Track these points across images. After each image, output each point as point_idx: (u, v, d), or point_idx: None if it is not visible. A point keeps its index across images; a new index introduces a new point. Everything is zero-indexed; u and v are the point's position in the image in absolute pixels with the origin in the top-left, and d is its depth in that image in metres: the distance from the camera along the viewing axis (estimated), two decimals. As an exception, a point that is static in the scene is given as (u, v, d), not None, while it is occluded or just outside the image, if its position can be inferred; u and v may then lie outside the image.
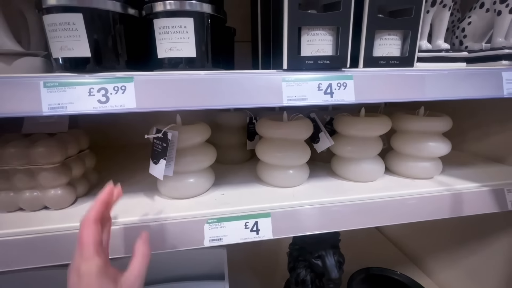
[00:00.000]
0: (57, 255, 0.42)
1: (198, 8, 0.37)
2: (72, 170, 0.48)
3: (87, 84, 0.34)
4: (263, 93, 0.38)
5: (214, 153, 0.53)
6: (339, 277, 0.55)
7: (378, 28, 0.42)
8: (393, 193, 0.51)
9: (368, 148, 0.56)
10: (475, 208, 0.52)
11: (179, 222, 0.43)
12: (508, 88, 0.45)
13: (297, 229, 0.47)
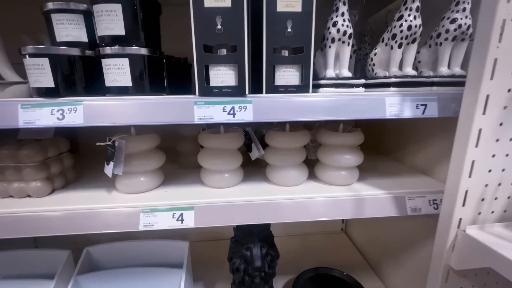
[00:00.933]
0: (34, 230, 0.56)
1: (133, 51, 0.51)
2: (50, 168, 0.63)
3: (50, 106, 0.49)
4: (179, 113, 0.51)
5: (162, 158, 0.66)
6: (261, 266, 0.65)
7: (276, 63, 0.53)
8: (305, 195, 0.61)
9: (291, 158, 0.66)
10: (375, 211, 0.61)
11: (121, 211, 0.56)
12: (390, 111, 0.54)
13: (215, 219, 0.58)
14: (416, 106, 0.54)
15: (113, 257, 0.88)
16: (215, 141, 0.64)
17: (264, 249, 0.68)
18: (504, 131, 0.47)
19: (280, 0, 0.50)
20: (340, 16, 0.56)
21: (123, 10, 0.49)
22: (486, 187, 0.50)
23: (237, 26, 0.48)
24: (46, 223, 0.56)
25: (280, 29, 0.51)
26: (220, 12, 0.48)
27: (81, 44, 0.54)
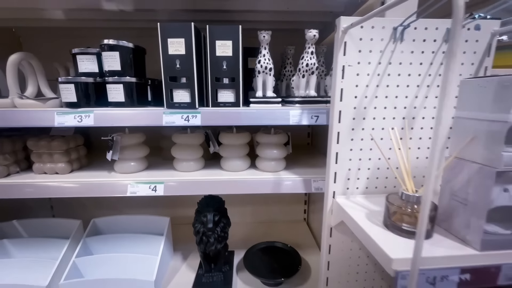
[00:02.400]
0: (60, 193, 0.84)
1: (126, 80, 0.81)
2: (71, 155, 0.93)
3: (73, 113, 0.78)
4: (153, 119, 0.80)
5: (146, 150, 0.95)
6: (212, 228, 0.92)
7: (217, 88, 0.82)
8: (244, 177, 0.89)
9: (237, 152, 0.94)
10: (289, 189, 0.87)
11: (116, 183, 0.85)
12: (293, 120, 0.81)
13: (179, 191, 0.86)
14: (311, 117, 0.82)
15: (112, 226, 1.17)
16: (182, 139, 0.93)
17: (217, 217, 0.95)
18: (355, 133, 0.74)
19: (218, 48, 0.79)
20: (262, 56, 0.84)
21: (120, 55, 0.79)
22: (350, 170, 0.76)
23: (189, 65, 0.77)
24: (67, 190, 0.85)
25: (219, 66, 0.80)
26: (178, 57, 0.77)
27: (94, 74, 0.84)
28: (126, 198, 1.41)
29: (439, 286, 0.50)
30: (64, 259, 1.01)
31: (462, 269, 0.50)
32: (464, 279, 0.50)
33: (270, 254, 1.13)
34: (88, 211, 1.31)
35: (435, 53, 0.71)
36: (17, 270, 0.99)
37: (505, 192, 0.50)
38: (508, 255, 0.51)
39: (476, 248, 0.52)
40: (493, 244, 0.51)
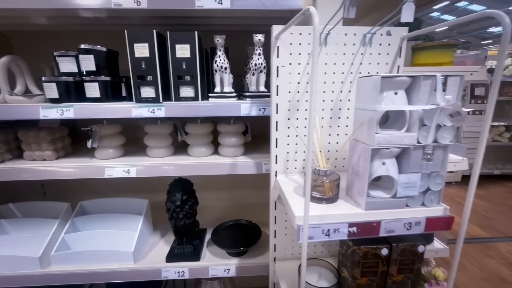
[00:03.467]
0: (48, 176, 0.99)
1: (101, 79, 0.95)
2: (56, 144, 1.07)
3: (56, 107, 0.92)
4: (124, 111, 0.94)
5: (122, 139, 1.10)
6: (180, 205, 1.07)
7: (179, 85, 0.96)
8: (206, 161, 1.04)
9: (201, 140, 1.09)
10: (243, 170, 1.02)
11: (95, 166, 1.00)
12: (243, 111, 0.96)
13: (150, 173, 1.01)
14: (259, 109, 0.96)
15: (97, 208, 1.32)
16: (153, 129, 1.07)
17: (185, 196, 1.10)
18: (291, 122, 0.88)
19: (177, 51, 0.93)
20: (218, 57, 0.98)
21: (94, 57, 0.93)
22: (288, 153, 0.91)
23: (153, 66, 0.91)
24: (53, 173, 1.00)
25: (179, 66, 0.94)
26: (143, 59, 0.91)
27: (73, 74, 0.98)
28: (112, 183, 1.56)
29: (333, 237, 0.66)
30: (54, 235, 1.16)
31: (349, 223, 0.65)
32: (352, 231, 0.66)
33: (236, 230, 1.30)
34: (77, 196, 1.45)
35: (354, 54, 0.85)
36: (14, 245, 1.14)
37: (383, 165, 0.65)
38: (386, 213, 0.66)
39: (362, 208, 0.67)
40: (375, 205, 0.67)
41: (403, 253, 0.72)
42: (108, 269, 1.11)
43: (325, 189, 0.71)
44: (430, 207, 0.68)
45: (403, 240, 0.73)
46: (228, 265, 1.13)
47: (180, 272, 1.12)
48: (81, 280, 1.11)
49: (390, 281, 0.73)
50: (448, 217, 0.67)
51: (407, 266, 0.73)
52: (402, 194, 0.65)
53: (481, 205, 3.52)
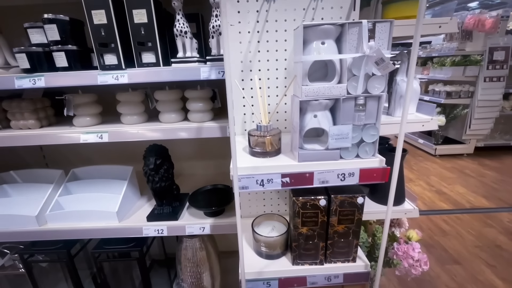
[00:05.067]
0: (32, 141, 1.09)
1: (68, 48, 0.99)
2: (39, 113, 1.15)
3: (28, 77, 0.99)
4: (91, 79, 0.99)
5: (99, 108, 1.16)
6: (153, 168, 1.14)
7: (140, 51, 0.99)
8: (175, 126, 1.08)
9: (170, 106, 1.13)
10: (210, 133, 1.06)
11: (73, 132, 1.07)
12: (203, 75, 0.98)
13: (121, 137, 1.07)
14: (218, 72, 0.97)
15: (88, 174, 1.44)
16: (124, 97, 1.12)
17: (159, 161, 1.17)
18: (245, 84, 0.90)
19: (135, 16, 0.94)
20: (177, 21, 0.99)
21: (58, 27, 0.97)
22: (245, 115, 0.94)
23: (112, 33, 0.94)
24: (38, 138, 1.09)
25: (138, 32, 0.96)
26: (102, 26, 0.93)
27: (43, 45, 1.03)
28: (104, 153, 1.67)
29: (267, 187, 0.70)
30: (49, 198, 1.29)
31: (282, 174, 0.68)
32: (285, 181, 0.69)
33: (214, 194, 1.37)
34: (71, 164, 1.57)
35: (305, 9, 0.83)
36: (14, 206, 1.28)
37: (314, 118, 0.66)
38: (319, 165, 0.69)
39: (296, 160, 0.70)
40: (308, 157, 0.69)
41: (342, 204, 0.74)
42: (96, 226, 1.23)
43: (266, 143, 0.74)
44: (365, 159, 0.69)
45: (343, 191, 0.75)
46: (204, 224, 1.22)
47: (159, 230, 1.22)
48: (73, 235, 1.24)
49: (331, 231, 0.77)
50: (382, 168, 0.68)
51: (347, 217, 0.76)
52: (334, 146, 0.67)
53: (491, 176, 3.40)
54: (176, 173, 1.51)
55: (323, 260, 0.81)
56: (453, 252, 2.14)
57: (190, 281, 1.35)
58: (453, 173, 3.44)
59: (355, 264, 0.81)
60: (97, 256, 1.30)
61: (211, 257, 1.37)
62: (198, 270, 1.33)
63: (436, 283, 1.85)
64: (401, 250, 1.18)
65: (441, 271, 1.96)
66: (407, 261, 1.16)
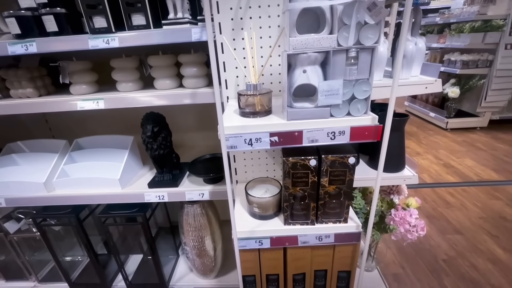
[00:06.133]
0: (31, 109, 1.11)
1: (56, 11, 0.97)
2: (36, 82, 1.16)
3: (20, 43, 0.98)
4: (81, 44, 0.97)
5: (94, 76, 1.16)
6: (151, 135, 1.15)
7: (129, 12, 0.95)
8: (170, 92, 1.07)
9: (164, 72, 1.11)
10: (203, 99, 1.05)
11: (70, 99, 1.08)
12: (194, 37, 0.94)
13: (117, 104, 1.08)
14: (210, 33, 0.94)
15: (90, 144, 1.47)
16: (118, 63, 1.11)
17: (156, 128, 1.18)
18: (236, 43, 0.86)
19: (121, -26, 0.90)
20: (165, -21, 0.94)
21: (44, -12, 0.94)
22: (237, 77, 0.91)
23: (99, -8, 0.91)
24: (36, 106, 1.10)
25: (126, -9, 0.92)
26: (88, -15, 0.90)
27: (32, 9, 1.01)
28: (107, 124, 1.70)
29: (256, 146, 0.69)
30: (55, 166, 1.34)
31: (270, 133, 0.67)
32: (273, 140, 0.68)
33: (213, 162, 1.38)
34: (76, 135, 1.61)
35: (299, -42, 0.76)
36: (22, 174, 1.34)
37: (304, 74, 0.64)
38: (308, 123, 0.67)
39: (285, 119, 0.68)
40: (297, 115, 0.67)
41: (333, 164, 0.73)
42: (101, 193, 1.28)
43: (256, 103, 0.72)
44: (356, 117, 0.67)
45: (334, 151, 0.74)
46: (203, 190, 1.24)
47: (160, 196, 1.26)
48: (79, 201, 1.30)
49: (322, 192, 0.77)
50: (374, 126, 0.66)
51: (338, 177, 0.75)
52: (324, 103, 0.65)
53: (503, 150, 3.30)
54: (177, 144, 1.53)
55: (314, 221, 0.82)
56: (456, 223, 2.14)
57: (192, 245, 1.41)
58: (463, 147, 3.35)
59: (347, 225, 0.82)
60: (104, 221, 1.37)
61: (212, 223, 1.42)
62: (200, 234, 1.39)
63: (435, 251, 1.88)
64: (398, 216, 1.18)
65: (442, 240, 1.98)
66: (403, 226, 1.16)
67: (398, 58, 0.58)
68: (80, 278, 1.62)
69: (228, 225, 0.81)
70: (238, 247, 0.82)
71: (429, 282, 1.64)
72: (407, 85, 0.97)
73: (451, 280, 1.64)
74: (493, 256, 1.80)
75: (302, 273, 0.91)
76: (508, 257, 1.78)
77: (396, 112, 1.10)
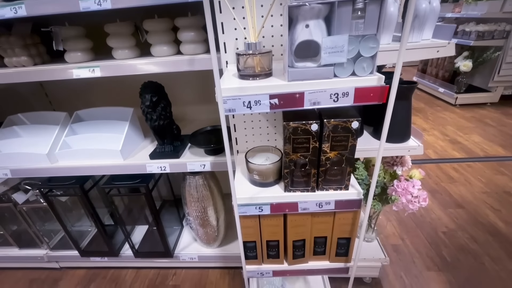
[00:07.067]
0: (27, 77, 1.09)
1: (42, -32, 0.91)
2: (30, 50, 1.12)
3: (9, 5, 0.93)
4: (72, 5, 0.92)
5: (89, 43, 1.11)
6: (149, 105, 1.13)
7: (120, -31, 0.89)
8: (168, 59, 1.03)
9: (160, 38, 1.06)
10: (202, 66, 1.01)
11: (63, 68, 1.05)
12: (191, -4, 0.88)
13: (113, 71, 1.04)
14: None
15: (90, 116, 1.46)
16: (112, 28, 1.06)
17: (155, 98, 1.15)
18: (235, 1, 0.80)
19: None
20: None
21: None
22: (237, 40, 0.86)
23: None
24: (32, 75, 1.08)
25: None
26: None
27: (18, -33, 0.94)
28: (107, 98, 1.67)
29: (255, 109, 0.66)
30: (57, 138, 1.34)
31: (270, 95, 0.64)
32: (273, 103, 0.65)
33: (214, 134, 1.37)
34: (75, 107, 1.59)
35: None
36: (25, 145, 1.35)
37: (306, 28, 0.59)
38: (310, 84, 0.63)
39: (285, 80, 0.65)
40: (299, 75, 0.63)
41: (335, 129, 0.71)
42: (103, 164, 1.29)
43: (255, 64, 0.68)
44: (361, 77, 0.63)
45: (337, 116, 0.71)
46: (204, 161, 1.24)
47: (162, 167, 1.27)
48: (83, 172, 1.31)
49: (323, 158, 0.75)
50: (380, 86, 0.62)
51: (340, 143, 0.73)
52: (327, 61, 0.61)
53: (512, 126, 3.21)
54: (179, 118, 1.51)
55: (315, 187, 0.81)
56: (458, 197, 2.14)
57: (195, 215, 1.44)
58: (472, 123, 3.27)
59: (348, 192, 0.81)
60: (108, 192, 1.39)
61: (214, 194, 1.43)
62: (202, 205, 1.41)
63: (435, 224, 1.89)
64: (401, 187, 1.17)
65: (443, 214, 1.99)
66: (405, 197, 1.16)
67: (409, 8, 0.53)
68: (89, 246, 1.69)
69: (231, 198, 0.81)
70: (238, 213, 0.83)
71: (427, 252, 1.67)
72: (417, 48, 0.92)
73: (450, 251, 1.67)
74: (494, 229, 1.82)
75: (302, 239, 0.92)
76: (509, 230, 1.79)
77: (404, 80, 1.05)
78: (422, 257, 1.64)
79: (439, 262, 1.60)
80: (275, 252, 0.95)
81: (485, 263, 1.57)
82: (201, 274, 1.63)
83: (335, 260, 0.96)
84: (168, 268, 1.69)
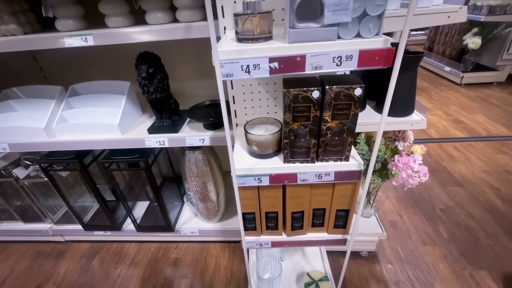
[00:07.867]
0: (19, 46, 1.04)
1: None
2: (19, 18, 1.07)
3: (-8, -34, 0.87)
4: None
5: (79, 10, 1.06)
6: (146, 76, 1.09)
7: None
8: (163, 27, 0.98)
9: (155, 4, 1.00)
10: (199, 33, 0.96)
11: (54, 37, 1.00)
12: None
13: (106, 40, 1.00)
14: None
15: (86, 89, 1.42)
16: (104, 4, 1.00)
17: (151, 69, 1.11)
18: None
19: None
20: None
21: None
22: (235, 3, 0.81)
23: None
24: (22, 43, 1.04)
25: None
26: None
27: None
28: (102, 70, 1.63)
29: (253, 74, 0.63)
30: (53, 112, 1.32)
31: (270, 58, 0.61)
32: (273, 67, 0.62)
33: (213, 108, 1.34)
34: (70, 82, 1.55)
35: None
36: (21, 119, 1.33)
37: (308, -17, 0.55)
38: (311, 46, 0.60)
39: (286, 42, 0.61)
40: (300, 36, 0.60)
41: (337, 96, 0.68)
42: (101, 138, 1.28)
43: (254, 25, 0.64)
44: (366, 38, 0.59)
45: (339, 82, 0.68)
46: (203, 135, 1.23)
47: (160, 141, 1.25)
48: (81, 146, 1.30)
49: (324, 127, 0.73)
50: (386, 49, 0.59)
51: (342, 111, 0.70)
52: (331, 20, 0.57)
53: (517, 105, 3.15)
54: (178, 93, 1.48)
55: (314, 159, 0.79)
56: (458, 176, 2.14)
57: (195, 190, 1.45)
58: (476, 102, 3.21)
59: (348, 163, 0.80)
60: (107, 166, 1.39)
61: (214, 169, 1.43)
62: (202, 180, 1.42)
63: (434, 202, 1.91)
64: (402, 162, 1.16)
65: (442, 192, 2.00)
66: (406, 171, 1.15)
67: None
68: (92, 221, 1.72)
69: (231, 175, 0.80)
70: (237, 184, 0.82)
71: (424, 229, 1.70)
72: (427, 13, 0.86)
73: (446, 227, 1.70)
74: (491, 206, 1.83)
75: (301, 211, 0.92)
76: (507, 207, 1.81)
77: (410, 50, 1.01)
78: (419, 233, 1.67)
79: (435, 238, 1.63)
80: (274, 224, 0.95)
81: (480, 238, 1.60)
82: (202, 248, 1.67)
83: (333, 232, 0.97)
84: (170, 242, 1.73)
